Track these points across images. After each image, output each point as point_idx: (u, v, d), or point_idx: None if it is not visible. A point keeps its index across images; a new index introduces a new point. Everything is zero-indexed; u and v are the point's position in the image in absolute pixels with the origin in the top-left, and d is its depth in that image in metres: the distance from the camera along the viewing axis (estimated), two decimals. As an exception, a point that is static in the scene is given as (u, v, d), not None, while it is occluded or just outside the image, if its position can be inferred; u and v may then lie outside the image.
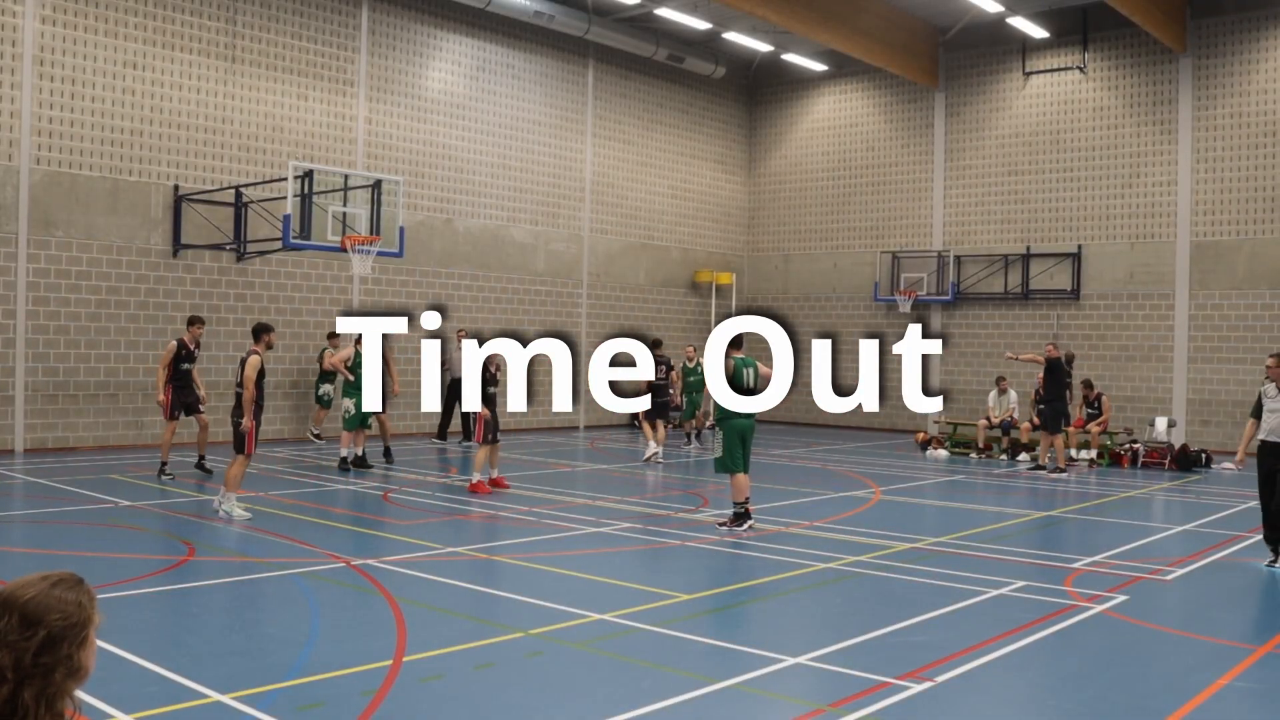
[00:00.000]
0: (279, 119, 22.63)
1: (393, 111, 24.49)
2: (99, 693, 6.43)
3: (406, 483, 16.96)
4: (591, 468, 20.72)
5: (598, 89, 28.70)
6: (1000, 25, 26.96)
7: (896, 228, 29.87)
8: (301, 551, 11.44)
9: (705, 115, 31.52)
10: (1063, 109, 27.22)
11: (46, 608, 2.80)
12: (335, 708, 6.62)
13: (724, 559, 11.84)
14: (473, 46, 26.00)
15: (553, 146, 27.72)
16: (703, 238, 31.55)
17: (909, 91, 29.55)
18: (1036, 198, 27.58)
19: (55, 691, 2.79)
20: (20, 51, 19.30)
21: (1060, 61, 27.26)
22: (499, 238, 26.50)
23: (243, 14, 22.05)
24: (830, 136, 31.19)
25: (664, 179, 30.47)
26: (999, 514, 15.55)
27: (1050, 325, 27.03)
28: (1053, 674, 7.79)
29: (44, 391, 19.55)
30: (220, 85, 21.77)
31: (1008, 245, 27.96)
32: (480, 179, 26.12)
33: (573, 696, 6.91)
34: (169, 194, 20.99)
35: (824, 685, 7.37)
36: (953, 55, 28.85)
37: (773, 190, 32.40)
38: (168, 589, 9.80)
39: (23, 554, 11.49)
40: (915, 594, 10.06)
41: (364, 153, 23.84)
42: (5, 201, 19.14)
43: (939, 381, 28.85)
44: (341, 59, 23.58)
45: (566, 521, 13.72)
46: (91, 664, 2.91)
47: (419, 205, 24.62)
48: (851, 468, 20.60)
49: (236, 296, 21.85)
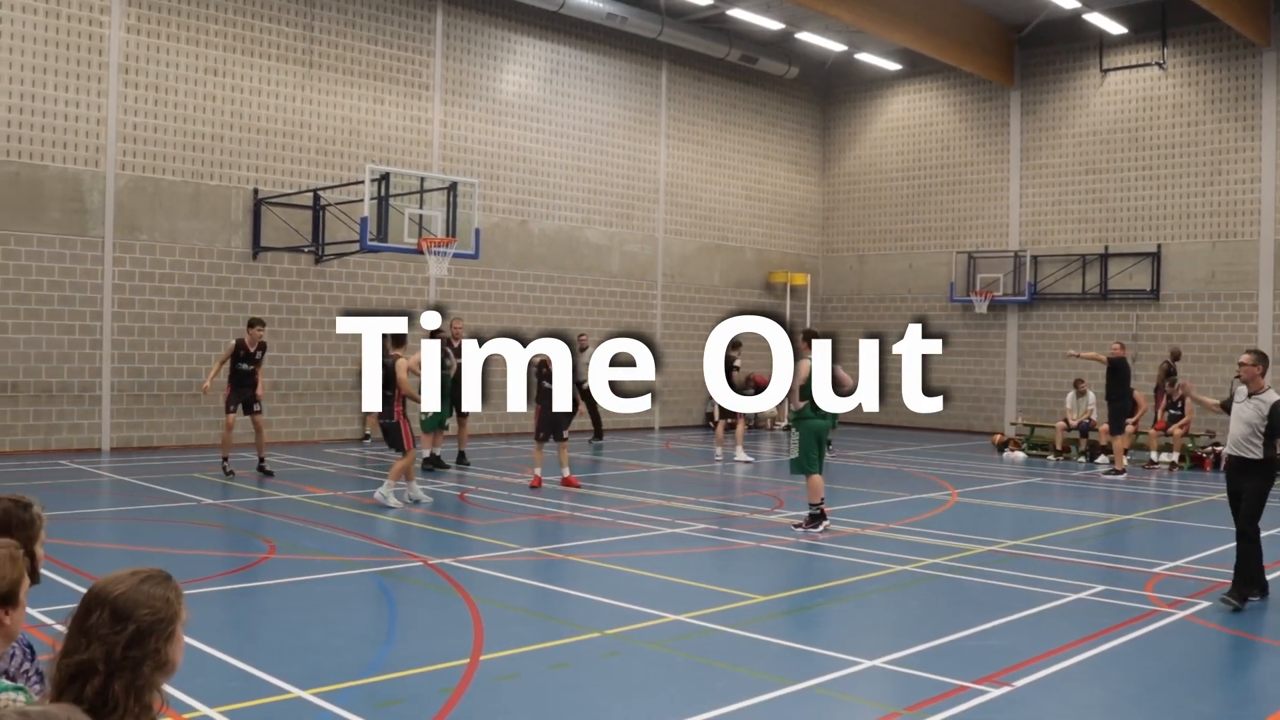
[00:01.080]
0: (356, 123, 22.91)
1: (468, 114, 24.69)
2: (184, 686, 6.55)
3: (483, 483, 17.08)
4: (666, 468, 20.74)
5: (671, 90, 28.71)
6: (1076, 22, 26.57)
7: (972, 228, 29.56)
8: (380, 550, 11.58)
9: (779, 116, 31.41)
10: (1141, 106, 26.77)
11: (136, 603, 2.87)
12: (412, 705, 6.69)
13: (799, 560, 11.80)
14: (546, 49, 26.13)
15: (627, 148, 27.78)
16: (777, 239, 31.44)
17: (984, 90, 29.23)
18: (1115, 196, 27.15)
19: (144, 684, 2.86)
20: (107, 60, 19.74)
21: (1138, 58, 26.81)
22: (573, 239, 26.62)
23: (320, 20, 22.36)
24: (904, 136, 30.94)
25: (738, 180, 30.41)
26: (1077, 517, 15.33)
27: (1129, 326, 26.60)
28: (1134, 681, 7.67)
29: (129, 392, 19.97)
30: (298, 90, 22.10)
31: (1085, 245, 27.55)
32: (555, 181, 26.25)
33: (647, 697, 6.92)
34: (249, 198, 21.34)
35: (900, 688, 7.32)
36: (1028, 53, 28.49)
37: (847, 190, 32.21)
38: (249, 586, 9.97)
39: (110, 550, 11.75)
40: (992, 597, 9.96)
41: (439, 155, 24.06)
42: (92, 206, 19.59)
43: (1016, 382, 28.54)
44: (417, 63, 23.82)
45: (641, 522, 13.75)
46: (179, 658, 2.97)
47: (494, 207, 24.79)
48: (927, 470, 20.42)
49: (315, 298, 22.16)
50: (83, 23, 19.51)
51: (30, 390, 19.03)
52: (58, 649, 2.90)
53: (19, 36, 18.86)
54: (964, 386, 29.26)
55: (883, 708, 6.93)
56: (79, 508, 14.01)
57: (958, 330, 29.51)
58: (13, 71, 18.80)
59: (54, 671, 2.86)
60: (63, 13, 19.28)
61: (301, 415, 22.15)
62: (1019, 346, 28.62)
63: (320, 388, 22.34)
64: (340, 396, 22.56)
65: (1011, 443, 23.64)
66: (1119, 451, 20.08)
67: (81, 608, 2.89)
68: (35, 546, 3.81)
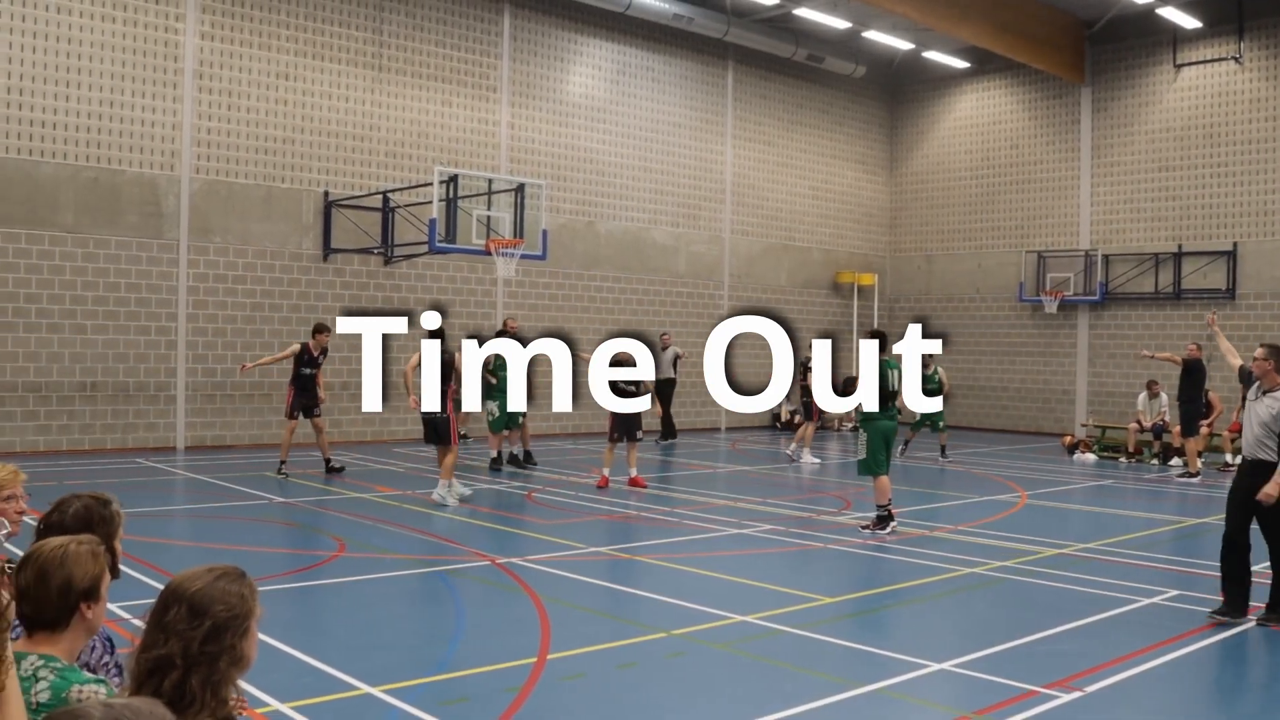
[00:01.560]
0: (424, 125, 23.13)
1: (535, 116, 24.82)
2: (258, 682, 6.65)
3: (550, 483, 17.16)
4: (732, 469, 20.71)
5: (737, 90, 28.66)
6: (1150, 16, 26.17)
7: (1042, 227, 29.20)
8: (448, 549, 11.68)
9: (846, 115, 31.24)
10: (1217, 101, 26.29)
11: (212, 599, 2.93)
12: (480, 703, 6.74)
13: (867, 562, 11.74)
14: (613, 50, 26.20)
15: (693, 148, 27.77)
16: (844, 238, 31.27)
17: (1054, 87, 28.87)
18: (1188, 194, 26.69)
19: (220, 679, 2.91)
20: (181, 67, 20.09)
21: (1214, 52, 26.33)
22: (640, 240, 26.66)
23: (389, 24, 22.60)
24: (973, 134, 30.63)
25: (805, 180, 30.29)
26: (1149, 520, 15.11)
27: (1203, 326, 26.14)
28: (1209, 687, 7.55)
29: (203, 391, 20.32)
30: (368, 93, 22.34)
31: (1158, 244, 27.12)
32: (621, 181, 26.31)
33: (713, 697, 6.92)
34: (319, 200, 21.62)
35: (969, 692, 7.26)
36: (1100, 49, 28.09)
37: (915, 190, 31.96)
38: (320, 583, 10.10)
39: (185, 547, 11.95)
40: (1063, 601, 9.84)
41: (507, 157, 24.21)
42: (168, 210, 19.95)
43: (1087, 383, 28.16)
44: (484, 65, 23.98)
45: (708, 522, 13.75)
46: (253, 653, 3.03)
47: (561, 208, 24.90)
48: (996, 471, 20.22)
49: (384, 299, 22.40)
50: (159, 30, 19.87)
51: (108, 390, 19.42)
52: (136, 644, 2.96)
53: (98, 45, 19.25)
54: (1033, 387, 28.94)
55: (951, 711, 6.88)
56: (155, 505, 14.27)
57: (1027, 330, 29.18)
58: (92, 79, 19.20)
59: (133, 665, 2.92)
60: (140, 21, 19.66)
61: (371, 416, 22.38)
62: (1090, 347, 28.23)
63: (389, 388, 22.51)
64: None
65: (1082, 444, 23.34)
66: (1192, 454, 19.76)
67: (159, 604, 2.94)
68: (115, 542, 3.90)
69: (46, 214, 18.81)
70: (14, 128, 18.51)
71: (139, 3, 19.66)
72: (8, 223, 18.45)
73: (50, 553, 3.27)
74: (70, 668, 3.22)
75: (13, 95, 18.50)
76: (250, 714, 6.21)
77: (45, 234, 18.79)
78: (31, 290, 18.67)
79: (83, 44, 19.13)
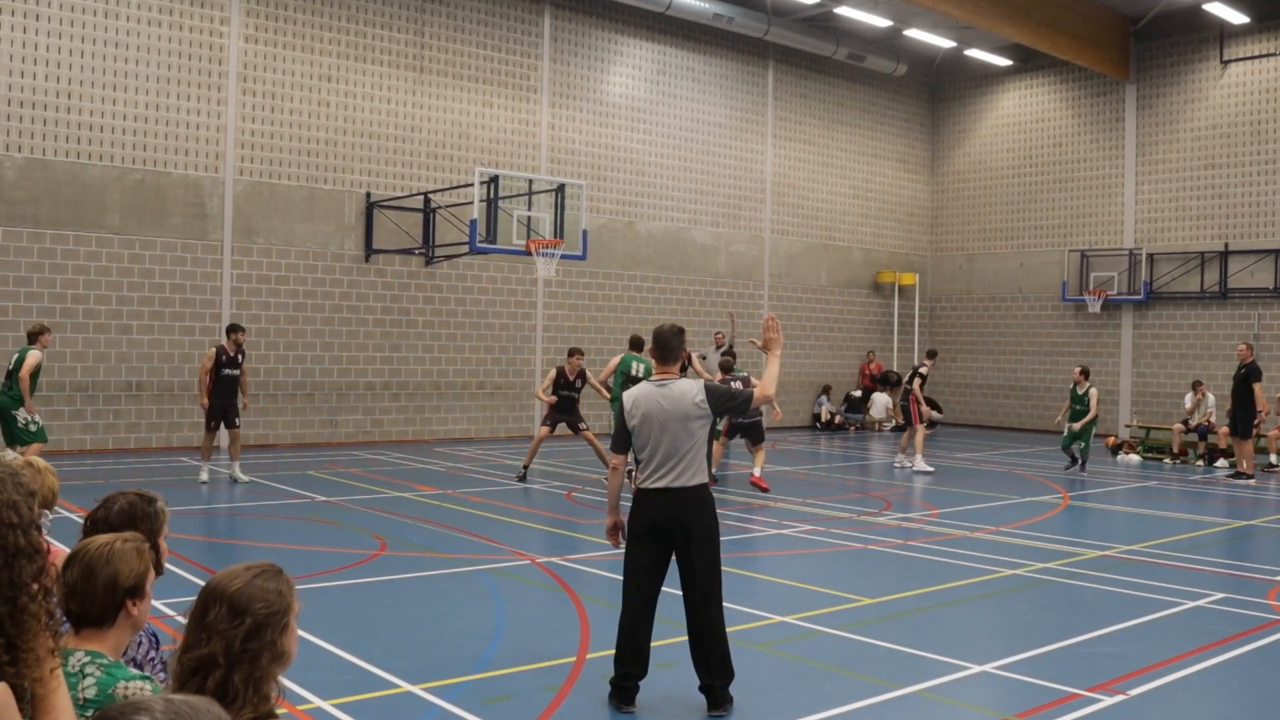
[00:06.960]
0: (465, 126, 23.22)
1: (575, 116, 24.87)
2: (299, 679, 6.72)
3: (589, 484, 17.18)
4: (771, 469, 20.64)
5: (778, 90, 28.59)
6: (1196, 12, 25.90)
7: (1085, 225, 28.95)
8: (489, 549, 11.72)
9: (887, 114, 31.10)
10: (1265, 98, 25.96)
11: (251, 597, 2.95)
12: (520, 702, 6.77)
13: (907, 563, 11.68)
14: (653, 50, 26.21)
15: (733, 148, 27.74)
16: (885, 238, 31.13)
17: (1098, 84, 28.61)
18: (1235, 192, 26.37)
19: (262, 675, 2.94)
20: (226, 70, 20.28)
21: (1262, 48, 26.01)
22: (680, 240, 26.65)
23: (430, 26, 22.70)
24: (1015, 133, 30.41)
25: (845, 179, 30.18)
26: (1195, 522, 14.95)
27: (1250, 326, 25.83)
28: (1255, 692, 7.45)
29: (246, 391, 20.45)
30: (409, 95, 22.46)
31: (1204, 242, 26.82)
32: (661, 181, 26.31)
33: (754, 698, 6.91)
34: (361, 201, 21.76)
35: (1010, 694, 7.21)
36: (1144, 45, 27.81)
37: (956, 189, 31.77)
38: (361, 581, 10.16)
39: (228, 544, 12.07)
40: (1106, 603, 9.76)
41: (547, 158, 24.27)
42: (212, 211, 20.15)
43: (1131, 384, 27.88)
44: (525, 66, 24.05)
45: (747, 523, 13.73)
46: (293, 649, 3.05)
47: (601, 208, 24.94)
48: (1038, 472, 20.07)
49: (425, 300, 22.52)
50: (203, 33, 20.07)
51: (153, 389, 19.63)
52: (179, 643, 2.99)
53: (144, 49, 19.46)
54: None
55: (993, 714, 6.84)
56: (198, 503, 14.41)
57: (1070, 330, 28.94)
58: (138, 82, 19.41)
59: (175, 666, 2.95)
60: (185, 24, 19.86)
61: (412, 415, 22.51)
62: (1134, 347, 27.96)
63: (430, 388, 22.68)
64: (450, 396, 22.89)
65: (1126, 445, 23.12)
66: (1246, 455, 19.54)
67: (199, 604, 2.97)
68: (159, 540, 3.94)
69: (94, 216, 19.04)
70: (62, 130, 18.75)
71: (184, 6, 19.87)
72: (56, 224, 18.69)
73: (96, 550, 3.30)
74: (116, 664, 3.25)
75: (61, 99, 18.74)
76: (293, 711, 6.26)
77: (92, 235, 19.02)
78: (79, 291, 18.90)
79: (129, 48, 19.34)
